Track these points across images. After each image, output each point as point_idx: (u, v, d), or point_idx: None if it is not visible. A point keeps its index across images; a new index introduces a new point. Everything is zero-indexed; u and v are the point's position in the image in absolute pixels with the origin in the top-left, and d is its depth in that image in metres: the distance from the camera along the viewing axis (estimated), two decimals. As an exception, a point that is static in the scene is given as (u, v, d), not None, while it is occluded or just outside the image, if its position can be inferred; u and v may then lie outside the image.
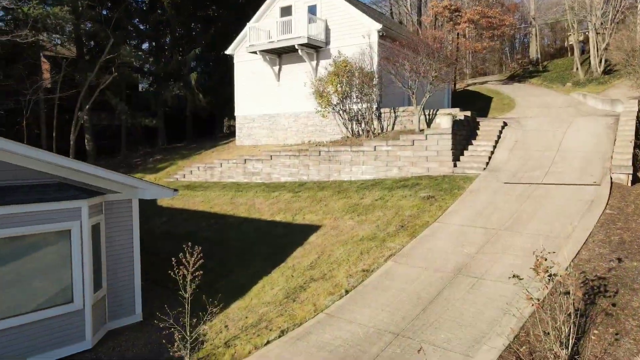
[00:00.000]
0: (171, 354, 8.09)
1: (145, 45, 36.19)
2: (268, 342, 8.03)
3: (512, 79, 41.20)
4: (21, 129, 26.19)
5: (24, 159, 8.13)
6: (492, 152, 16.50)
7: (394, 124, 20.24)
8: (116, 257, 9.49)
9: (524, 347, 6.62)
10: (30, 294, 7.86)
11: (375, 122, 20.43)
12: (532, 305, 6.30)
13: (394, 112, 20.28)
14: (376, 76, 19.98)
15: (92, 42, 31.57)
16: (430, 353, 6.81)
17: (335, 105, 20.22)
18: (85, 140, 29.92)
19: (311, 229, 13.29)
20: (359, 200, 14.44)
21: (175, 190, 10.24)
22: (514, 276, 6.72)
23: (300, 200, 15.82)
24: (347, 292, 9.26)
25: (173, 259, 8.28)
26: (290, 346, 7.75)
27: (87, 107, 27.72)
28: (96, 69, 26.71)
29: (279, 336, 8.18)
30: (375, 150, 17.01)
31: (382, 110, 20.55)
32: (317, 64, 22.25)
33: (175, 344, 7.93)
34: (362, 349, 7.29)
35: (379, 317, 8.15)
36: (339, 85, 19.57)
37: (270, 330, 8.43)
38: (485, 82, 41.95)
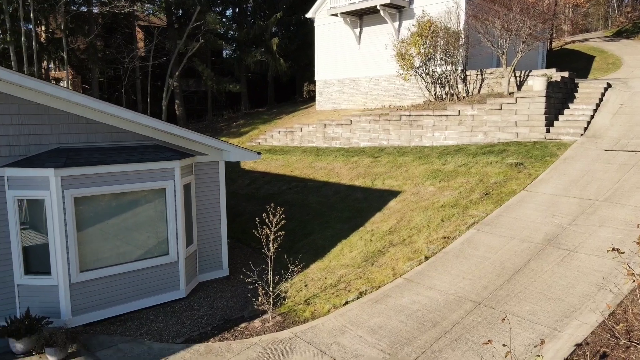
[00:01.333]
0: (255, 306, 8.58)
1: (229, 12, 37.04)
2: (347, 303, 8.22)
3: (619, 35, 36.93)
4: (120, 95, 28.31)
5: (127, 123, 8.79)
6: (592, 117, 15.09)
7: (480, 87, 19.16)
8: (205, 216, 10.11)
9: (620, 324, 6.17)
10: (133, 245, 8.66)
11: (460, 85, 19.46)
12: (633, 281, 5.81)
13: (481, 74, 19.15)
14: (463, 36, 18.88)
15: (180, 11, 32.87)
16: (514, 324, 6.59)
17: (418, 68, 19.50)
18: (176, 106, 31.69)
19: (390, 194, 13.18)
20: (441, 166, 14.02)
21: (259, 153, 10.58)
22: (613, 249, 6.21)
23: (379, 165, 15.68)
24: (426, 258, 9.15)
25: (257, 218, 8.66)
26: (369, 307, 7.87)
27: (177, 73, 29.18)
28: (184, 36, 27.88)
29: (357, 297, 8.33)
30: (459, 114, 16.28)
31: (467, 72, 19.49)
32: (400, 25, 21.46)
33: (259, 298, 8.39)
34: (441, 315, 7.22)
35: (459, 284, 7.99)
36: (422, 47, 18.78)
37: (349, 291, 8.61)
38: (587, 39, 38.04)
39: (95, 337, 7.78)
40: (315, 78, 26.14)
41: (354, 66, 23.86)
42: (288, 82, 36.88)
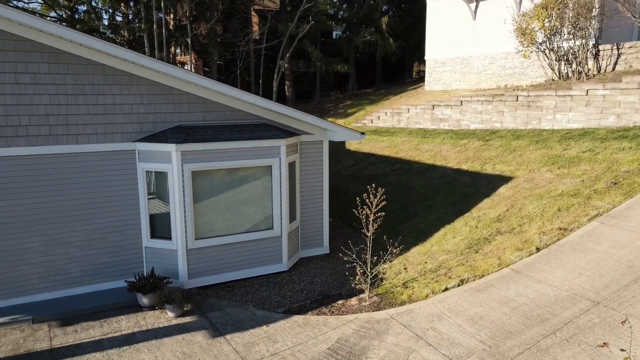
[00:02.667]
0: (353, 285, 8.70)
1: (339, -8, 37.04)
2: (446, 289, 7.96)
3: None
4: (236, 77, 30.04)
5: (239, 102, 9.32)
6: None
7: (615, 64, 16.97)
8: (308, 194, 10.41)
9: None
10: (241, 219, 9.25)
11: (590, 62, 17.42)
12: None
13: (617, 49, 16.93)
14: (596, 6, 16.78)
15: (293, -7, 33.69)
16: (637, 329, 5.86)
17: (541, 44, 17.81)
18: (285, 87, 32.83)
19: (501, 179, 12.37)
20: (562, 152, 12.78)
21: (363, 134, 10.56)
22: None
23: (490, 149, 14.77)
24: (538, 249, 8.48)
25: (357, 199, 8.70)
26: (470, 296, 7.55)
27: (287, 55, 30.11)
28: (295, 18, 28.57)
29: (458, 285, 8.03)
30: (587, 94, 14.62)
31: (600, 47, 17.35)
32: (521, -3, 19.71)
33: (357, 277, 8.48)
34: (551, 311, 6.67)
35: (575, 280, 7.29)
36: (546, 20, 17.08)
37: (449, 278, 8.33)
38: None
39: (207, 300, 8.50)
40: (425, 57, 25.23)
41: (468, 44, 22.56)
42: (396, 62, 36.10)
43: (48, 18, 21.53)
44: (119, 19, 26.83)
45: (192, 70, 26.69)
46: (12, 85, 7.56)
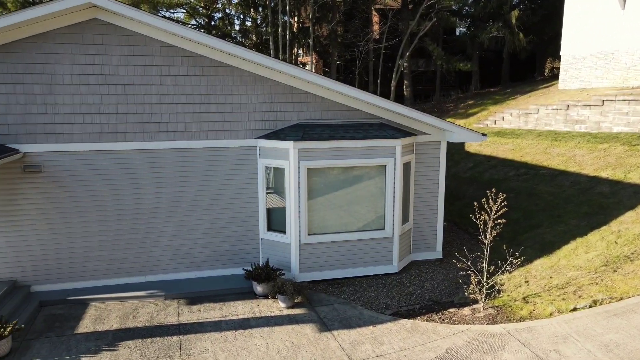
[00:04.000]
0: (466, 294, 8.25)
1: (465, -13, 35.41)
2: (575, 309, 7.17)
3: None
4: (354, 77, 30.37)
5: (356, 102, 9.39)
6: None
7: None
8: (422, 196, 10.11)
9: None
10: (353, 217, 9.31)
11: None
12: None
13: None
14: None
15: (415, -9, 33.01)
16: None
17: None
18: (404, 86, 32.33)
19: (649, 191, 10.79)
20: None
21: (484, 135, 9.95)
22: None
23: (637, 155, 12.96)
24: (695, 275, 7.23)
25: (475, 203, 8.23)
26: (604, 320, 6.70)
27: (407, 54, 29.62)
28: (417, 16, 27.97)
29: (590, 306, 7.17)
30: None
31: None
32: (685, -21, 16.94)
33: (471, 286, 8.03)
34: None
35: None
36: None
37: (580, 297, 7.48)
38: None
39: (317, 294, 8.72)
40: (561, 53, 22.97)
41: (614, 36, 20.03)
42: (526, 59, 33.41)
43: (189, 26, 23.87)
44: (248, 23, 28.77)
45: (312, 71, 27.61)
46: (157, 87, 8.50)
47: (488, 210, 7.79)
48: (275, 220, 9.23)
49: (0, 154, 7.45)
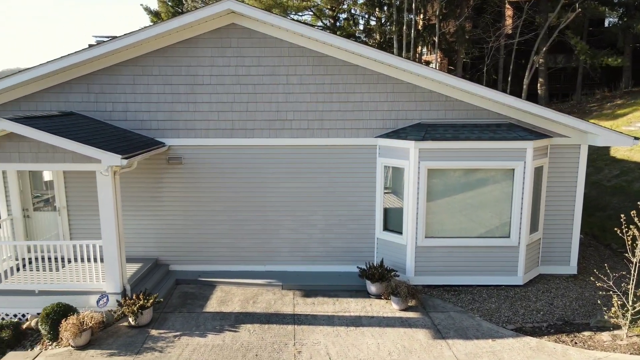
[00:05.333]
0: (606, 317, 7.31)
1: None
2: None
3: None
4: (481, 75, 28.76)
5: (483, 100, 8.86)
6: None
7: None
8: (555, 204, 9.18)
9: None
10: (474, 222, 8.81)
11: None
12: None
13: None
14: None
15: (556, -20, 30.13)
16: None
17: None
18: (538, 84, 29.74)
19: None
20: None
21: (636, 139, 8.70)
22: None
23: None
24: None
25: (622, 216, 7.24)
26: None
27: (544, 49, 27.20)
28: (558, 7, 25.50)
29: None
30: None
31: None
32: None
33: (613, 309, 7.09)
34: None
35: None
36: None
37: None
38: None
39: (431, 299, 8.42)
40: None
41: None
42: (695, 51, 28.58)
43: (315, 27, 24.78)
44: (372, 23, 28.86)
45: (437, 69, 26.73)
46: (284, 86, 8.91)
47: (638, 224, 6.79)
48: (392, 221, 9.11)
49: (151, 146, 8.46)
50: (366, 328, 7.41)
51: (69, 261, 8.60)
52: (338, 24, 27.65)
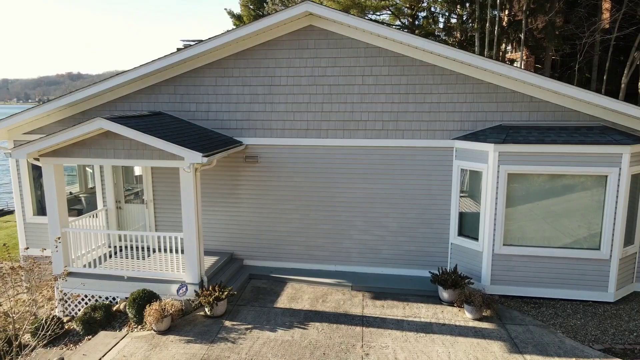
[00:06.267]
0: None
1: None
2: None
3: None
4: (572, 73, 26.78)
5: (573, 101, 8.25)
6: None
7: None
8: (656, 215, 8.32)
9: None
10: (559, 232, 8.22)
11: None
12: None
13: None
14: None
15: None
16: None
17: None
18: (639, 83, 27.11)
19: None
20: None
21: None
22: None
23: None
24: None
25: None
26: None
27: (647, 45, 24.73)
28: (664, -2, 23.07)
29: None
30: None
31: None
32: None
33: None
34: None
35: None
36: None
37: None
38: None
39: (508, 311, 7.98)
40: None
41: None
42: None
43: (393, 27, 24.43)
44: (453, 20, 27.94)
45: (522, 67, 25.24)
46: (359, 86, 8.90)
47: None
48: (467, 226, 8.76)
49: (229, 145, 8.83)
50: (437, 335, 7.19)
51: (154, 251, 9.22)
52: (417, 22, 27.10)
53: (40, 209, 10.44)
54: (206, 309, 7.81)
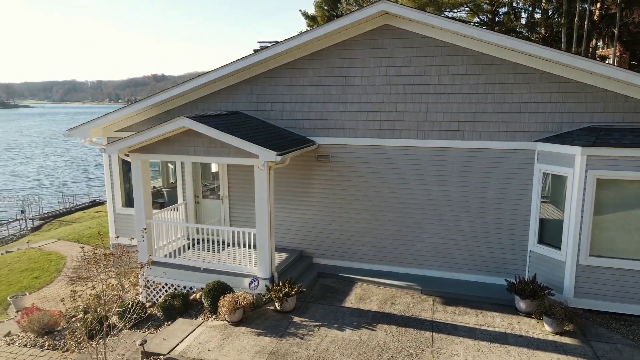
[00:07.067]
0: None
1: None
2: None
3: None
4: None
5: (673, 100, 7.51)
6: None
7: None
8: None
9: None
10: (655, 243, 7.50)
11: None
12: None
13: None
14: None
15: None
16: None
17: None
18: None
19: None
20: None
21: None
22: None
23: None
24: None
25: None
26: None
27: None
28: None
29: None
30: None
31: None
32: None
33: None
34: None
35: None
36: None
37: None
38: None
39: (593, 327, 7.41)
40: None
41: None
42: None
43: (471, 24, 23.55)
44: (537, 16, 26.39)
45: (615, 65, 23.28)
46: (434, 86, 8.68)
47: None
48: (549, 233, 8.24)
49: (302, 144, 8.98)
50: (512, 347, 6.84)
51: (228, 245, 9.60)
52: (497, 19, 25.91)
53: (128, 201, 11.26)
54: (276, 304, 8.01)
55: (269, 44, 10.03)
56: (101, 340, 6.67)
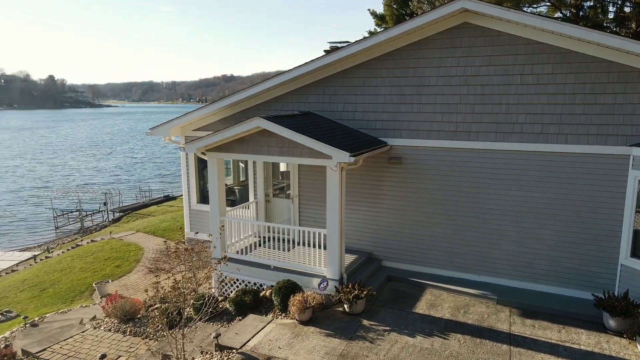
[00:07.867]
0: None
1: None
2: None
3: None
4: None
5: None
6: None
7: None
8: None
9: None
10: None
11: None
12: None
13: None
14: None
15: None
16: None
17: None
18: None
19: None
20: None
21: None
22: None
23: None
24: None
25: None
26: None
27: None
28: None
29: None
30: None
31: None
32: None
33: None
34: None
35: None
36: None
37: None
38: None
39: (697, 352, 6.69)
40: None
41: None
42: None
43: (557, 20, 22.20)
44: (626, 9, 24.40)
45: None
46: (516, 86, 8.23)
47: None
48: (645, 247, 7.56)
49: (375, 146, 8.86)
50: (600, 368, 6.33)
51: (297, 244, 9.69)
52: (581, 13, 24.26)
53: (202, 198, 11.70)
54: (345, 306, 7.96)
55: (339, 44, 10.01)
56: (180, 330, 6.95)
